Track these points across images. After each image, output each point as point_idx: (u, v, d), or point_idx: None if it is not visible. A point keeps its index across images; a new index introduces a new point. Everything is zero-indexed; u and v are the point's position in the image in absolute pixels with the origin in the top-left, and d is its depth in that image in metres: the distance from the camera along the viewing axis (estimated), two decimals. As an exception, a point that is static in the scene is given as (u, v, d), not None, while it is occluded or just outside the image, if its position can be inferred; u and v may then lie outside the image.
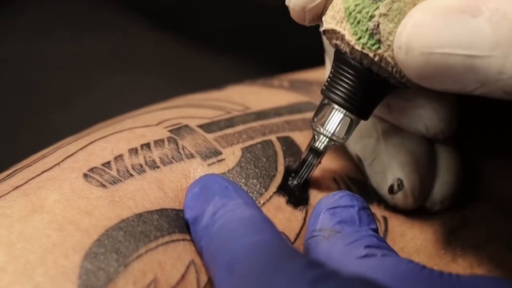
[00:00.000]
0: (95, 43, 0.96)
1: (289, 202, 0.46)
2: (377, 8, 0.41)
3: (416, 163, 0.47)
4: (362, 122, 0.46)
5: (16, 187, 0.43)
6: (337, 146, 0.47)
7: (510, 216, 0.51)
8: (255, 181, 0.47)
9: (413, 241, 0.48)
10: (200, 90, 0.56)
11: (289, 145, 0.49)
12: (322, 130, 0.45)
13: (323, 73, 0.56)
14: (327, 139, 0.46)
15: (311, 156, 0.46)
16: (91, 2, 1.02)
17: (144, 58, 0.95)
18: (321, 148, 0.46)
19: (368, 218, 0.44)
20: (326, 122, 0.45)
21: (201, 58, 0.95)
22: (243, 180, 0.47)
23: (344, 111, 0.44)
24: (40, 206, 0.41)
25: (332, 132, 0.45)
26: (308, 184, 0.48)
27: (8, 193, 0.43)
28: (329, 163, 0.50)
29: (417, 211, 0.49)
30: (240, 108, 0.52)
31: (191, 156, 0.47)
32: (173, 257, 0.41)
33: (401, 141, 0.48)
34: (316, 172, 0.48)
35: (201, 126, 0.49)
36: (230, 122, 0.50)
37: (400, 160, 0.47)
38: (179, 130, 0.48)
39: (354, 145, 0.49)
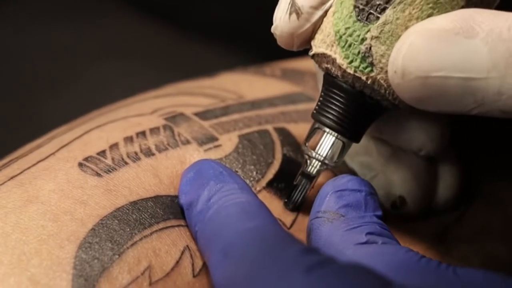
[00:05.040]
0: (85, 32, 0.95)
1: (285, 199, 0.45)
2: (368, 30, 0.39)
3: (416, 176, 0.46)
4: None
5: (11, 177, 0.41)
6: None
7: (503, 211, 0.49)
8: (252, 167, 0.45)
9: (410, 234, 0.46)
10: (190, 78, 0.54)
11: (285, 135, 0.48)
12: (314, 154, 0.43)
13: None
14: (319, 163, 0.43)
15: (303, 181, 0.44)
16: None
17: (133, 47, 0.94)
18: (314, 172, 0.44)
19: (374, 204, 0.42)
20: (318, 146, 0.43)
21: (190, 47, 0.94)
22: (240, 166, 0.45)
23: (336, 134, 0.42)
24: (35, 197, 0.40)
25: (324, 156, 0.43)
26: None
27: (3, 183, 0.41)
28: None
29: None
30: (234, 97, 0.50)
31: (187, 142, 0.45)
32: (167, 244, 0.40)
33: (399, 157, 0.46)
34: None
35: (196, 114, 0.47)
36: (225, 111, 0.48)
37: (400, 177, 0.46)
38: (174, 118, 0.46)
39: (351, 161, 0.47)
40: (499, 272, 0.37)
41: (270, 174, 0.45)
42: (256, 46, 0.88)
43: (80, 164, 0.42)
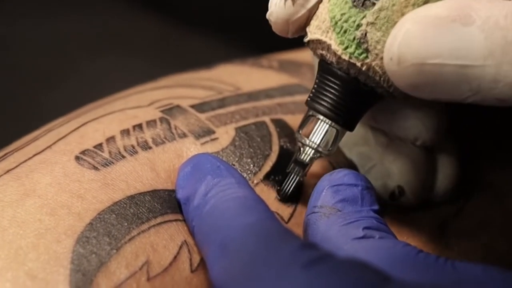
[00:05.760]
0: (80, 25, 0.94)
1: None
2: (364, 16, 0.39)
3: (415, 166, 0.45)
4: (354, 129, 0.44)
5: (8, 171, 0.41)
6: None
7: (503, 204, 0.49)
8: (249, 160, 0.44)
9: (409, 227, 0.46)
10: (187, 70, 0.54)
11: (282, 127, 0.47)
12: (307, 141, 0.43)
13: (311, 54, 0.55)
14: (313, 151, 0.43)
15: (296, 169, 0.43)
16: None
17: (130, 39, 0.94)
18: (307, 160, 0.43)
19: (370, 198, 0.41)
20: (311, 134, 0.42)
21: (188, 39, 0.94)
22: (237, 159, 0.44)
23: (330, 122, 0.42)
24: (32, 190, 0.40)
25: (317, 143, 0.42)
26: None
27: None
28: None
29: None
30: (231, 89, 0.49)
31: (184, 135, 0.44)
32: (165, 238, 0.40)
33: (397, 147, 0.46)
34: None
35: (193, 106, 0.46)
36: (222, 103, 0.47)
37: (399, 167, 0.45)
38: (171, 110, 0.46)
39: (349, 152, 0.47)
40: (499, 266, 0.37)
41: (267, 167, 0.45)
42: (253, 37, 0.87)
43: (77, 158, 0.42)
